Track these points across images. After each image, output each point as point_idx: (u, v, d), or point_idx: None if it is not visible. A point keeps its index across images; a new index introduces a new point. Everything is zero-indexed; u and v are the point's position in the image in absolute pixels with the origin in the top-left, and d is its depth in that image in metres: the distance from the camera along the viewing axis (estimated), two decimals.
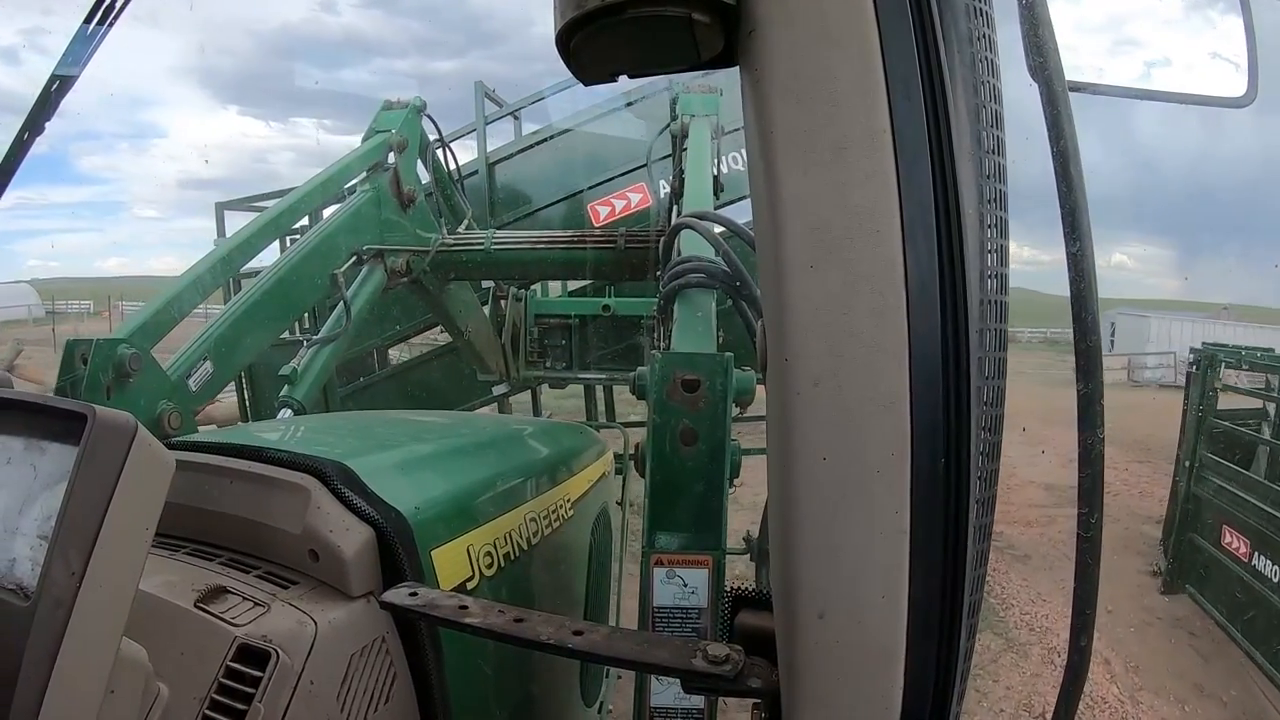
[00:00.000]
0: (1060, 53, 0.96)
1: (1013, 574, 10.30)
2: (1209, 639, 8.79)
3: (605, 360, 6.73)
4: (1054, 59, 0.96)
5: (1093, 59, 1.33)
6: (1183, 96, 1.42)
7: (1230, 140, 58.44)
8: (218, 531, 1.54)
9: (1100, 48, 1.35)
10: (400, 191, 4.63)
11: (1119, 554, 10.66)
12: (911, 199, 0.77)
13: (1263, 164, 54.82)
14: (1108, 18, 1.41)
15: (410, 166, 4.78)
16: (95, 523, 0.96)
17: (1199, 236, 48.03)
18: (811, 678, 0.86)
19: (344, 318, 4.17)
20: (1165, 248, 46.99)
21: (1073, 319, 0.96)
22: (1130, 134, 52.30)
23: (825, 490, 0.81)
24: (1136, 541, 11.22)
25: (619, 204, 7.97)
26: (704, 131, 4.79)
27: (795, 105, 0.78)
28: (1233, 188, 57.56)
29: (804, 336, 0.80)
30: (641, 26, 0.82)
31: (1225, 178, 56.33)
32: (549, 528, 2.01)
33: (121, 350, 2.83)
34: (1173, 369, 34.13)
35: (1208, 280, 45.45)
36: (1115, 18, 1.42)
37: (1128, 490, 13.59)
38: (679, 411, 1.69)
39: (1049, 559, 10.47)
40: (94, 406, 1.00)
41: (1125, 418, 16.60)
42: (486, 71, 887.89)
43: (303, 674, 1.26)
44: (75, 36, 2.50)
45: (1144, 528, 11.55)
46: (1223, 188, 58.23)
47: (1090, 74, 1.28)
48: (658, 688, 1.70)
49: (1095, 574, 1.00)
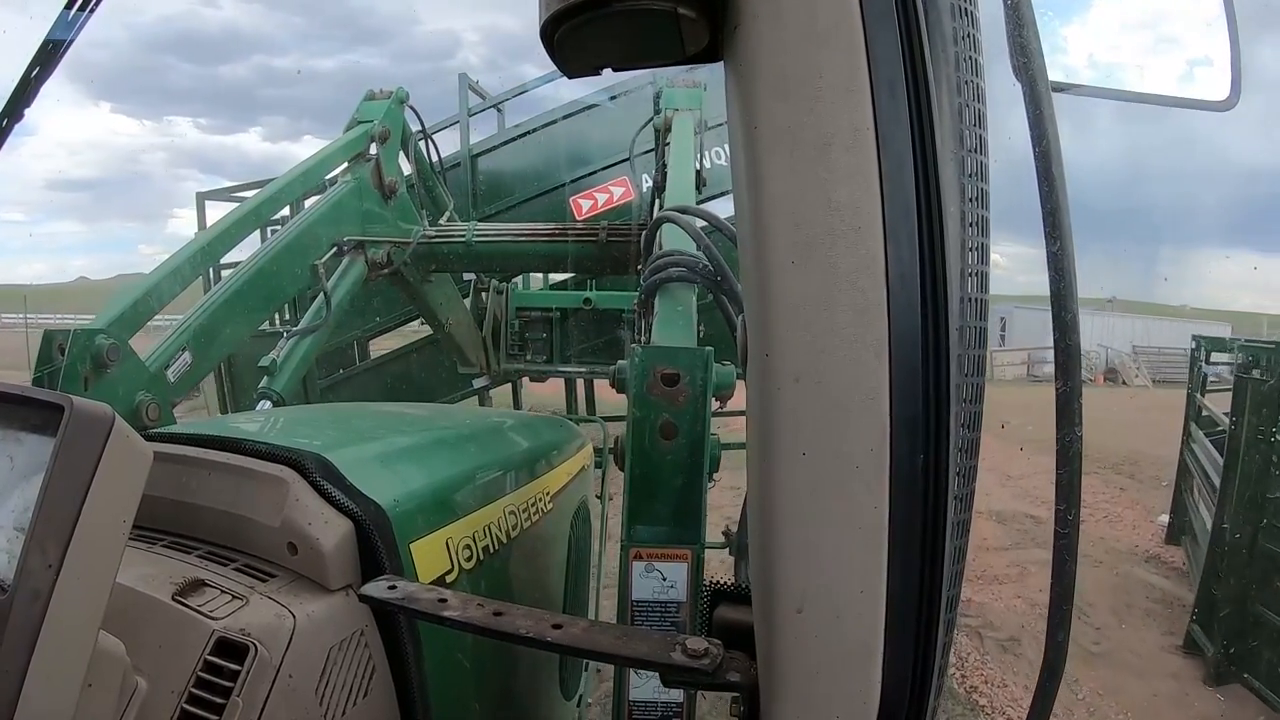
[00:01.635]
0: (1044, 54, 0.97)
1: (1005, 672, 7.04)
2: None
3: (586, 353, 6.74)
4: (1037, 59, 0.96)
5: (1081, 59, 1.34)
6: (1164, 99, 1.43)
7: (1105, 138, 59.19)
8: (196, 524, 1.53)
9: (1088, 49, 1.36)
10: (382, 183, 4.63)
11: (1123, 618, 8.15)
12: (894, 197, 0.77)
13: (1135, 165, 55.81)
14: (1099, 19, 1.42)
15: (392, 157, 4.77)
16: (72, 514, 0.95)
17: (1079, 235, 49.79)
18: (790, 672, 0.86)
19: (324, 309, 4.15)
20: (1037, 248, 48.29)
21: (1052, 318, 0.97)
22: (1005, 133, 53.50)
23: (804, 485, 0.81)
24: (1137, 594, 8.75)
25: (601, 197, 7.97)
26: (687, 126, 4.80)
27: (779, 101, 0.78)
28: (1113, 186, 58.47)
29: (785, 332, 0.80)
30: (627, 20, 0.82)
31: (1104, 177, 56.87)
32: (528, 521, 2.01)
33: (99, 341, 2.81)
34: None
35: (1091, 276, 46.36)
36: (1102, 19, 1.43)
37: (1090, 514, 11.63)
38: (659, 406, 1.69)
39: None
40: (71, 397, 0.99)
41: (1039, 416, 15.47)
42: (368, 70, 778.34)
43: (281, 667, 1.25)
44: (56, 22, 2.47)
45: (1138, 571, 9.53)
46: (1103, 186, 58.98)
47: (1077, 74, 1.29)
48: (637, 681, 1.71)
49: (1072, 570, 1.00)
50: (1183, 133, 57.43)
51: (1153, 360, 36.46)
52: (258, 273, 3.74)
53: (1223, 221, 65.18)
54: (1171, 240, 53.08)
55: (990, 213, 0.89)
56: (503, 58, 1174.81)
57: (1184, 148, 63.88)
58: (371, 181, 4.58)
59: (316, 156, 4.46)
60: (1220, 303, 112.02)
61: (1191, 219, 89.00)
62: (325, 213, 4.30)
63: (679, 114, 4.96)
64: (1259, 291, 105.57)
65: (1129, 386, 31.84)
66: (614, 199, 7.92)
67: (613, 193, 7.96)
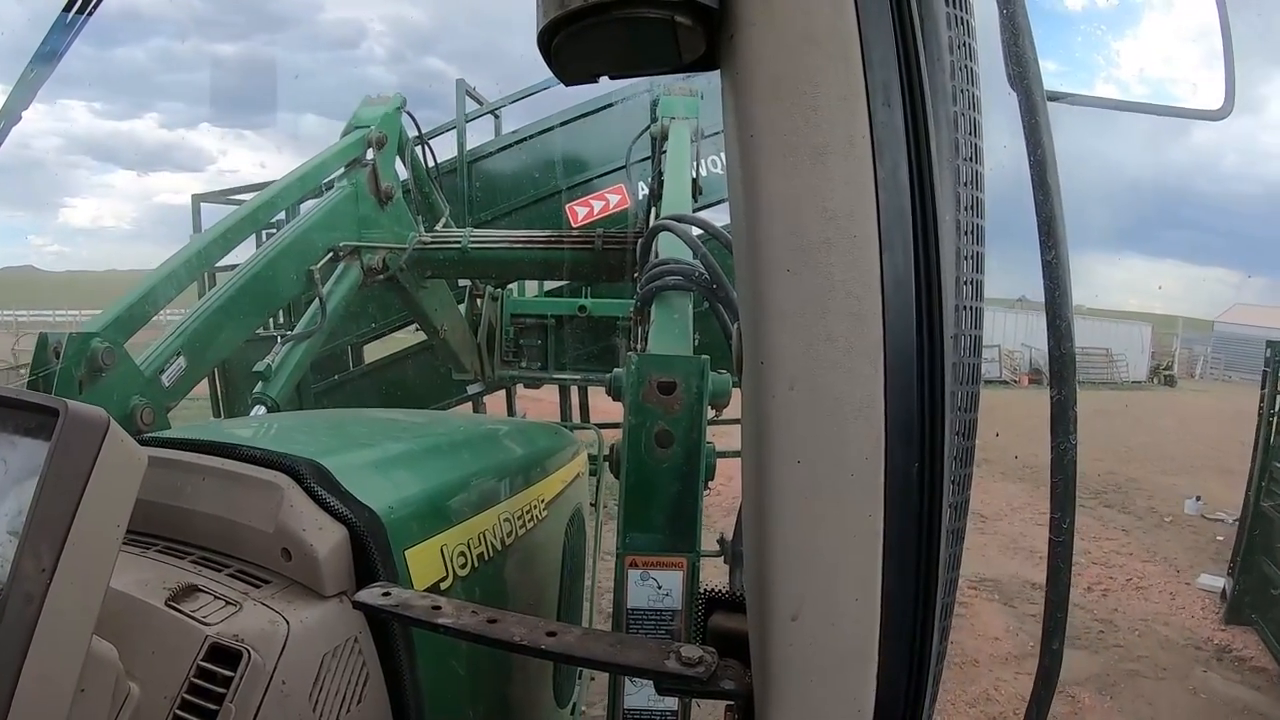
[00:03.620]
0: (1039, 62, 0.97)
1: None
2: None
3: (581, 361, 6.73)
4: (1033, 68, 0.97)
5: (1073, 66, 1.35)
6: (1159, 108, 1.44)
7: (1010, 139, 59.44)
8: (189, 529, 1.52)
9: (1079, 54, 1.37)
10: (378, 188, 4.62)
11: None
12: (889, 204, 0.78)
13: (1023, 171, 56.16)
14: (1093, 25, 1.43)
15: (389, 163, 4.76)
16: (66, 519, 0.95)
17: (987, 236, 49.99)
18: (785, 680, 0.86)
19: (319, 314, 4.15)
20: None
21: (1047, 325, 0.97)
22: (1000, 142, 53.28)
23: (799, 493, 0.81)
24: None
25: (597, 205, 7.96)
26: (684, 134, 4.81)
27: (775, 109, 0.79)
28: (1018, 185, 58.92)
29: (780, 340, 0.80)
30: (623, 28, 0.83)
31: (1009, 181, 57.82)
32: (523, 528, 2.01)
33: (95, 344, 2.80)
34: (997, 363, 35.36)
35: (1001, 276, 47.26)
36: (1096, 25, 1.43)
37: (1110, 578, 9.94)
38: (655, 413, 1.69)
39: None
40: (66, 401, 0.99)
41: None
42: (267, 56, 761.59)
43: (275, 674, 1.25)
44: (54, 25, 2.48)
45: (1219, 682, 7.40)
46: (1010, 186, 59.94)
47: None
48: (631, 689, 1.71)
49: (1067, 576, 1.01)
50: (1068, 145, 58.05)
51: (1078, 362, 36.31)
52: (253, 277, 3.73)
53: (1111, 226, 65.75)
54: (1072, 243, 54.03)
55: (985, 221, 0.89)
56: (409, 50, 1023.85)
57: (1072, 159, 64.99)
58: (368, 187, 4.57)
59: (313, 161, 4.45)
60: (1114, 304, 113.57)
61: (1083, 224, 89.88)
62: (321, 218, 4.29)
63: (675, 122, 4.97)
64: (1143, 295, 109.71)
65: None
66: (610, 206, 7.91)
67: (609, 200, 7.95)
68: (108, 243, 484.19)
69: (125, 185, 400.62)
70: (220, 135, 78.32)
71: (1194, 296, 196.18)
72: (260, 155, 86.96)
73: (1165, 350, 42.34)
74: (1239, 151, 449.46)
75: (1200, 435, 20.83)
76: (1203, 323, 51.05)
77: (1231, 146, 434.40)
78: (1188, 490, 13.97)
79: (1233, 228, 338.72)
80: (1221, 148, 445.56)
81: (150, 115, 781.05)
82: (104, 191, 67.15)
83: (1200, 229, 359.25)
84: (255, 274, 3.76)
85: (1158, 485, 14.80)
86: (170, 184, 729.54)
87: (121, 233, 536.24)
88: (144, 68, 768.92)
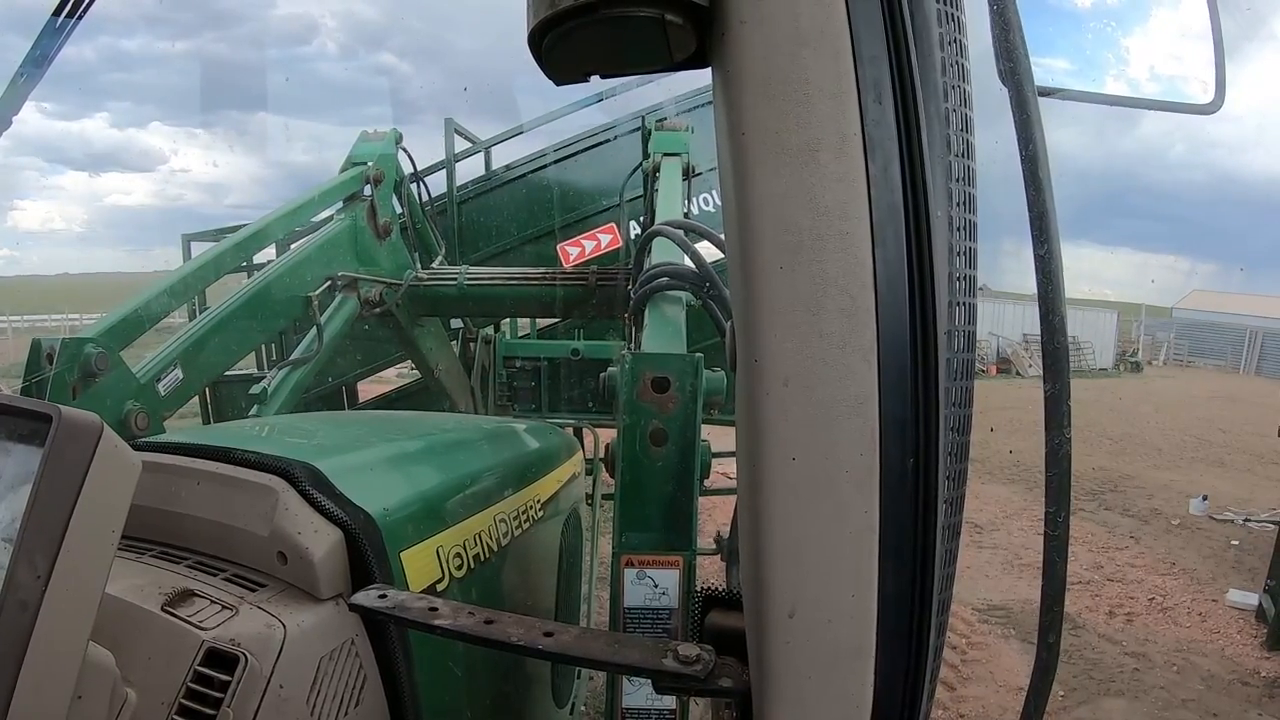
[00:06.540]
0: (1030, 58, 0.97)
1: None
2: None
3: (575, 403, 6.75)
4: (1024, 64, 0.97)
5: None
6: (1150, 103, 1.44)
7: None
8: (185, 534, 1.52)
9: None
10: (376, 223, 4.69)
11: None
12: (881, 201, 0.78)
13: (1010, 158, 55.91)
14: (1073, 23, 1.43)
15: (387, 199, 4.84)
16: (61, 525, 0.94)
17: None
18: (782, 677, 0.86)
19: (316, 341, 4.17)
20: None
21: (1040, 320, 0.97)
22: (992, 138, 53.40)
23: (795, 490, 0.81)
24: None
25: (589, 245, 7.95)
26: (675, 171, 4.91)
27: (767, 106, 0.79)
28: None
29: (773, 337, 0.80)
30: (614, 27, 0.83)
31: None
32: (519, 529, 2.00)
33: (88, 350, 2.80)
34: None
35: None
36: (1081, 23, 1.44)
37: (1130, 598, 9.07)
38: (649, 412, 1.69)
39: None
40: (59, 407, 0.98)
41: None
42: (216, 54, 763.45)
43: (272, 678, 1.25)
44: (44, 30, 2.47)
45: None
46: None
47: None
48: (629, 688, 1.71)
49: (1063, 571, 1.01)
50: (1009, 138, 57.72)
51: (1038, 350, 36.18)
52: (253, 296, 3.78)
53: (1064, 215, 66.44)
54: (1015, 232, 53.91)
55: (978, 217, 0.89)
56: (361, 46, 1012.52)
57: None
58: (367, 221, 4.65)
59: (311, 194, 4.53)
60: (1071, 292, 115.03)
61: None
62: (321, 247, 4.38)
63: (666, 159, 5.05)
64: (1090, 281, 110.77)
65: (1023, 378, 30.52)
66: (601, 246, 7.90)
67: (600, 240, 7.94)
68: (59, 246, 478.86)
69: (76, 187, 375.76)
70: (171, 134, 77.03)
71: (1147, 283, 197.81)
72: (212, 154, 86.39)
73: (1128, 337, 42.39)
74: (1186, 140, 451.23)
75: (1179, 423, 20.65)
76: (1161, 310, 51.49)
77: (1179, 136, 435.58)
78: (1185, 486, 13.66)
79: (1181, 215, 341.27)
80: (1170, 137, 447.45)
81: (100, 115, 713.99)
82: (54, 193, 66.00)
83: (1151, 217, 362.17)
84: (255, 293, 3.83)
85: (1154, 482, 14.41)
86: (121, 185, 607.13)
87: (73, 235, 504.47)
88: (92, 66, 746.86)
